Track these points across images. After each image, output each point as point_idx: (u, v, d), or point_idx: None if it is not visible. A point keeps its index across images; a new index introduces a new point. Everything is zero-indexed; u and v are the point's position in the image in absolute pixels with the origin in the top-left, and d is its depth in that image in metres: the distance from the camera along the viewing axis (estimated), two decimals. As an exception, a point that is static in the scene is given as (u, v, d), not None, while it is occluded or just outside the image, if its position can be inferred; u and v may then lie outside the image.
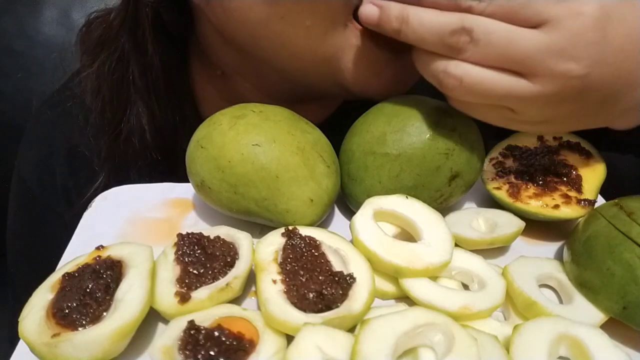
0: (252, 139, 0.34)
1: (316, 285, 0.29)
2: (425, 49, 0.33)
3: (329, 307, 0.28)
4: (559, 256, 0.36)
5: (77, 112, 0.49)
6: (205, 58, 0.49)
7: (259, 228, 0.38)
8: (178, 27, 0.46)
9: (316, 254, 0.31)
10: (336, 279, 0.29)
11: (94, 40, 0.47)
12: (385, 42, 0.38)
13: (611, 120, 0.36)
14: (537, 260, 0.34)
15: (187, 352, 0.25)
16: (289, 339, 0.27)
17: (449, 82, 0.32)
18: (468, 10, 0.31)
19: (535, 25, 0.30)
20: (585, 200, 0.37)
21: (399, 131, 0.36)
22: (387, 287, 0.32)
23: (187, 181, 0.38)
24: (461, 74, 0.32)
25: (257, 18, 0.38)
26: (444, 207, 0.38)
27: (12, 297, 0.59)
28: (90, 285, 0.28)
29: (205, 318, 0.28)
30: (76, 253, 0.32)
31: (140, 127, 0.46)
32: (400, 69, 0.41)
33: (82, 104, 0.48)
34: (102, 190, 0.45)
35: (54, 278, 0.29)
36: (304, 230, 0.33)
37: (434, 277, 0.32)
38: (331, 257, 0.31)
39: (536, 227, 0.38)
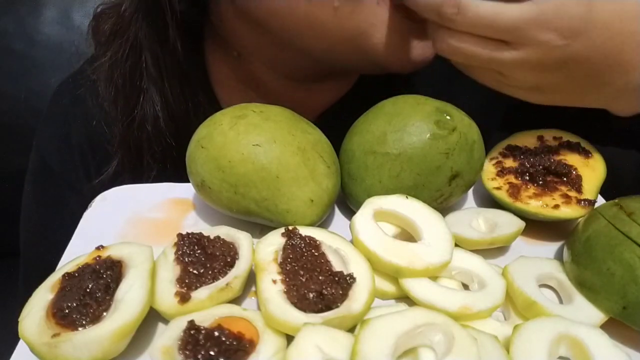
0: (252, 139, 0.34)
1: (316, 285, 0.29)
2: (426, 17, 0.36)
3: (329, 307, 0.28)
4: (559, 256, 0.36)
5: (94, 96, 0.50)
6: (221, 40, 0.50)
7: (259, 228, 0.38)
8: (193, 12, 0.46)
9: (316, 254, 0.31)
10: (336, 279, 0.29)
11: (106, 31, 0.48)
12: (413, 13, 0.39)
13: (607, 101, 0.37)
14: (537, 260, 0.34)
15: (187, 352, 0.25)
16: (289, 339, 0.27)
17: (440, 46, 0.36)
18: None
19: None
20: (585, 200, 0.37)
21: (399, 131, 0.36)
22: (387, 287, 0.32)
23: None
24: (448, 37, 0.35)
25: (286, 2, 0.39)
26: (444, 207, 0.38)
27: (22, 292, 0.58)
28: (90, 285, 0.28)
29: (205, 318, 0.28)
30: (76, 253, 0.32)
31: (153, 113, 0.47)
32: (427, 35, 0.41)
33: (97, 90, 0.49)
34: (118, 172, 0.46)
35: (54, 278, 0.29)
36: (304, 230, 0.33)
37: (434, 277, 0.32)
38: (331, 257, 0.31)
39: (536, 227, 0.38)
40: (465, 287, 0.33)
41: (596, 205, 0.36)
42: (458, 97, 0.40)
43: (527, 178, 0.39)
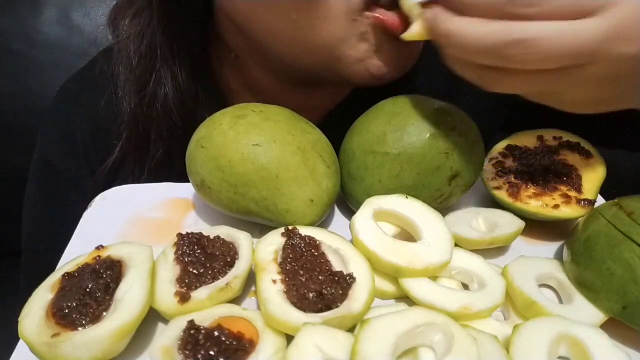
0: (252, 139, 0.34)
1: (316, 285, 0.29)
2: (476, 62, 0.31)
3: (329, 307, 0.28)
4: (559, 256, 0.36)
5: (101, 86, 0.51)
6: (221, 41, 0.51)
7: (259, 228, 0.38)
8: (197, 11, 0.48)
9: (316, 254, 0.31)
10: (336, 279, 0.29)
11: (127, 15, 0.50)
12: (391, 32, 0.39)
13: None
14: (537, 260, 0.34)
15: (187, 352, 0.25)
16: (289, 339, 0.27)
17: (492, 87, 0.31)
18: (521, 18, 0.28)
19: (590, 13, 0.28)
20: (585, 200, 0.37)
21: (399, 131, 0.36)
22: (387, 287, 0.32)
23: None
24: (506, 78, 0.30)
25: (246, 6, 0.40)
26: (444, 207, 0.38)
27: (24, 291, 0.59)
28: (90, 285, 0.28)
29: (205, 318, 0.28)
30: (76, 253, 0.32)
31: (164, 92, 0.48)
32: (399, 50, 0.41)
33: (108, 77, 0.51)
34: (123, 156, 0.48)
35: (54, 278, 0.29)
36: (304, 230, 0.33)
37: (434, 277, 0.32)
38: (331, 257, 0.31)
39: (536, 227, 0.38)
40: (465, 287, 0.33)
41: (596, 205, 0.36)
42: (460, 97, 0.40)
43: (527, 178, 0.39)
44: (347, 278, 0.29)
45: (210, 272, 0.30)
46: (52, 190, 0.55)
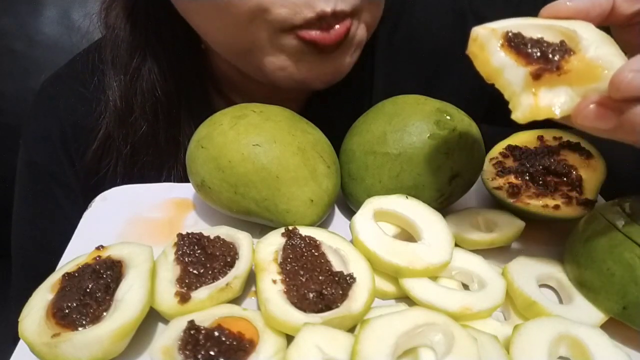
0: (252, 139, 0.34)
1: (316, 285, 0.29)
2: None
3: (329, 307, 0.28)
4: (559, 256, 0.36)
5: (80, 82, 0.52)
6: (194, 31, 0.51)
7: (259, 228, 0.38)
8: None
9: (316, 254, 0.31)
10: (336, 279, 0.29)
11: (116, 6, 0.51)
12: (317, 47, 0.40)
13: None
14: (537, 260, 0.34)
15: (187, 352, 0.25)
16: (289, 339, 0.27)
17: None
18: None
19: None
20: (585, 200, 0.37)
21: (399, 131, 0.36)
22: (387, 287, 0.32)
23: (181, 134, 0.40)
24: None
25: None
26: (444, 207, 0.38)
27: (15, 292, 0.59)
28: (90, 285, 0.28)
29: (205, 318, 0.28)
30: (76, 253, 0.32)
31: (147, 68, 0.50)
32: (322, 62, 0.42)
33: (89, 71, 0.52)
34: (105, 138, 0.49)
35: (54, 278, 0.29)
36: (304, 230, 0.33)
37: (434, 277, 0.32)
38: (331, 257, 0.31)
39: (536, 227, 0.38)
40: (465, 287, 0.33)
41: (596, 205, 0.36)
42: (441, 91, 0.40)
43: (527, 178, 0.39)
44: (347, 278, 0.29)
45: (210, 272, 0.30)
46: (37, 188, 0.55)
